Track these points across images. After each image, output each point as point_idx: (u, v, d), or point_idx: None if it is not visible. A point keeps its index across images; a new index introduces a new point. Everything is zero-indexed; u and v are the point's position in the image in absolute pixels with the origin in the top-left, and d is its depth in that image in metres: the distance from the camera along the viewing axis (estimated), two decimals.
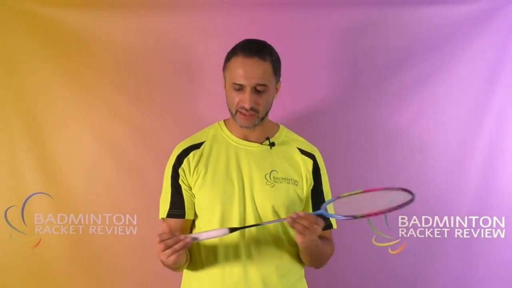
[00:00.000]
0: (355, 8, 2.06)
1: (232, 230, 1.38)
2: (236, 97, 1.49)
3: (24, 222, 2.05)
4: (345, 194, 1.45)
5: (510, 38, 2.04)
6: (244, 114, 1.49)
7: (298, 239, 1.40)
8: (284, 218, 1.41)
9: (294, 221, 1.36)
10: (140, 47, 2.06)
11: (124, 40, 2.05)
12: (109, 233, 2.06)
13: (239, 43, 1.52)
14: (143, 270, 2.06)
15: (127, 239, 2.06)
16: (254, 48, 1.48)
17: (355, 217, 1.37)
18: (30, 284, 2.04)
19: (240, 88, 1.48)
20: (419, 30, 2.05)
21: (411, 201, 1.39)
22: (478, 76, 2.05)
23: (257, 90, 1.47)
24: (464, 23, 2.05)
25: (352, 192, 1.46)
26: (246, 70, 1.46)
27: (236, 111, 1.50)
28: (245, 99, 1.47)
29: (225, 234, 1.37)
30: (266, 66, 1.48)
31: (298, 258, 1.56)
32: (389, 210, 1.39)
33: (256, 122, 1.52)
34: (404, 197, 1.41)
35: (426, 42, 2.05)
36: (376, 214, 1.38)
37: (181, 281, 1.64)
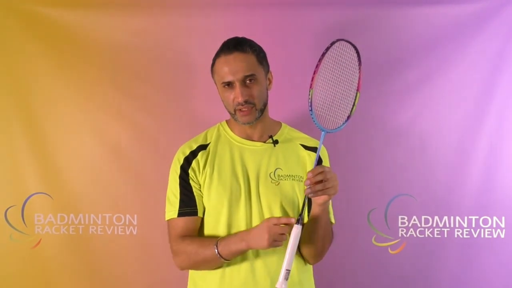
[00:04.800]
0: (355, 8, 2.06)
1: (298, 221, 1.40)
2: (230, 96, 1.50)
3: (24, 222, 2.05)
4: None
5: (510, 38, 2.04)
6: (243, 110, 1.50)
7: (321, 200, 1.40)
8: (305, 196, 1.41)
9: (312, 189, 1.36)
10: (140, 48, 2.06)
11: (124, 41, 2.05)
12: (109, 233, 2.06)
13: (221, 46, 1.54)
14: (143, 270, 2.05)
15: (127, 239, 2.06)
16: (232, 44, 1.51)
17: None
18: (30, 284, 2.04)
19: (229, 85, 1.49)
20: (419, 30, 2.06)
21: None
22: (478, 76, 2.05)
23: (246, 83, 1.49)
24: (464, 23, 2.05)
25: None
26: (229, 66, 1.48)
27: (235, 110, 1.51)
28: (237, 94, 1.48)
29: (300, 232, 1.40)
30: (249, 57, 1.50)
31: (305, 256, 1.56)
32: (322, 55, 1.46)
33: (256, 116, 1.52)
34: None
35: (426, 42, 2.05)
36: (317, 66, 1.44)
37: (181, 281, 1.64)
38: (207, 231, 1.54)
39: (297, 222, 1.40)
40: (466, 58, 2.05)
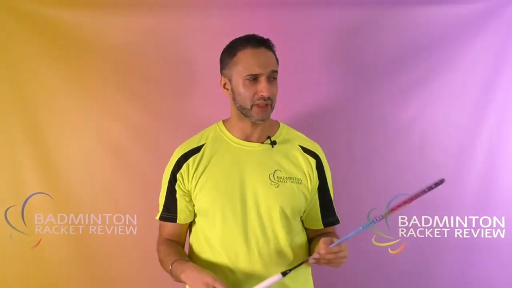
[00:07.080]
0: (355, 8, 2.06)
1: (284, 274, 1.37)
2: (251, 89, 1.47)
3: (24, 222, 2.05)
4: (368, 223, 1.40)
5: (510, 38, 2.04)
6: (261, 106, 1.47)
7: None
8: (305, 261, 1.40)
9: (317, 261, 1.37)
10: (140, 47, 2.05)
11: (124, 40, 2.05)
12: (109, 233, 2.06)
13: (240, 38, 1.52)
14: (143, 270, 2.05)
15: (127, 239, 2.06)
16: (260, 39, 1.51)
17: (383, 216, 1.34)
18: (30, 284, 2.05)
19: (255, 78, 1.47)
20: (419, 30, 2.05)
21: (441, 181, 1.34)
22: (478, 76, 2.05)
23: (270, 79, 1.48)
24: (464, 23, 2.05)
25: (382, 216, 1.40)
26: (259, 60, 1.46)
27: (252, 105, 1.48)
28: (264, 88, 1.46)
29: (279, 280, 1.37)
30: (272, 55, 1.51)
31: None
32: (418, 195, 1.35)
33: (269, 114, 1.51)
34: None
35: (426, 42, 2.05)
36: (404, 203, 1.35)
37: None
38: (205, 233, 1.54)
39: (283, 274, 1.37)
40: (466, 58, 2.05)
